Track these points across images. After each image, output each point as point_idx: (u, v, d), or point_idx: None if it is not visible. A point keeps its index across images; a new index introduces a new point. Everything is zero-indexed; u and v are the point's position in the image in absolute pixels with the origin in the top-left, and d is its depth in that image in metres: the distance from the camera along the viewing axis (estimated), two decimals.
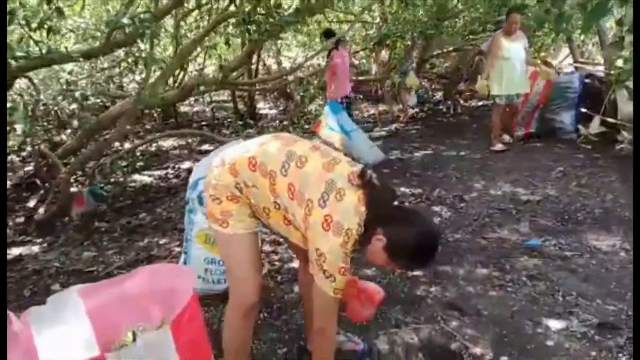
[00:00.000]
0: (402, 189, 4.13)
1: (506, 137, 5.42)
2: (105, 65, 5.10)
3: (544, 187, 4.00)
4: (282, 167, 1.54)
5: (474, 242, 3.05)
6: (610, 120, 5.33)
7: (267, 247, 3.05)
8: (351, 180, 1.50)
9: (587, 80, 5.69)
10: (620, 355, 1.90)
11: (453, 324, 2.20)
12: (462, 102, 8.07)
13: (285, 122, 6.04)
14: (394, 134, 6.44)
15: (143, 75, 4.89)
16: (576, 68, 6.42)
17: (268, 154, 1.58)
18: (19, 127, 4.77)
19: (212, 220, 1.61)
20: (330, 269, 1.45)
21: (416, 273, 2.66)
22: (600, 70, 5.68)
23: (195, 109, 8.74)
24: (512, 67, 5.01)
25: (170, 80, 7.05)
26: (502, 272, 2.64)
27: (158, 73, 4.32)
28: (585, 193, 3.83)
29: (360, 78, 7.50)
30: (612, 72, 4.66)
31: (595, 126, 4.51)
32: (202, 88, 4.29)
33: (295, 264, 2.83)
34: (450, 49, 8.48)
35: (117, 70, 5.15)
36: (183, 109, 8.55)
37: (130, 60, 4.56)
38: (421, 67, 8.73)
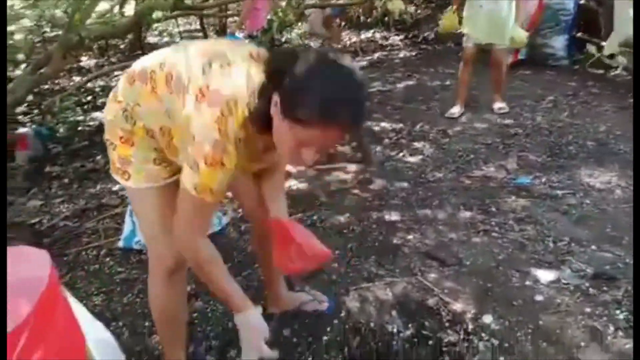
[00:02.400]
0: (382, 124, 3.76)
1: (456, 109, 3.81)
2: None
3: (533, 119, 3.67)
4: (161, 62, 1.13)
5: (457, 181, 2.75)
6: (606, 44, 4.92)
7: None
8: (252, 55, 1.09)
9: (582, 2, 5.21)
10: (617, 311, 1.66)
11: (432, 276, 1.94)
12: None
13: None
14: (376, 63, 5.96)
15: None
16: None
17: (148, 58, 1.19)
18: None
19: (114, 171, 1.25)
20: (196, 153, 1.03)
21: (393, 218, 2.37)
22: None
23: (165, 39, 8.05)
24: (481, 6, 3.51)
25: (132, 8, 6.37)
26: (487, 215, 2.36)
27: None
28: (577, 124, 3.51)
29: (340, 2, 6.84)
30: None
31: (612, 45, 4.03)
32: (158, 15, 3.76)
33: None
34: None
35: None
36: (152, 39, 7.86)
37: None
38: None
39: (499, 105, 3.85)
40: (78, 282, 2.04)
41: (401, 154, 3.19)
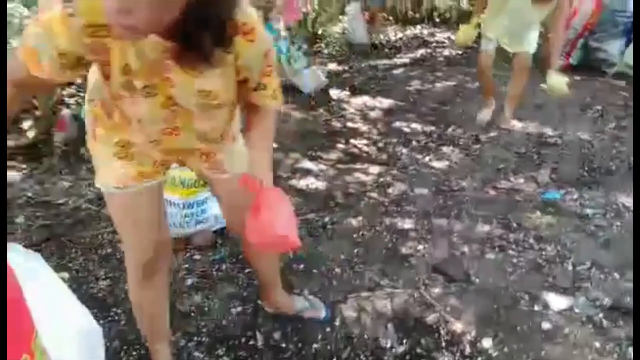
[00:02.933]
0: (413, 125, 3.65)
1: (485, 114, 3.56)
2: None
3: (575, 129, 3.45)
4: None
5: (481, 192, 2.63)
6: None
7: None
8: None
9: None
10: (629, 349, 1.53)
11: (435, 291, 1.86)
12: None
13: None
14: (419, 61, 5.79)
15: None
16: None
17: None
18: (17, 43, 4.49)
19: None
20: None
21: (406, 226, 2.30)
22: None
23: None
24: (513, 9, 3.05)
25: None
26: (507, 230, 2.24)
27: None
28: (622, 137, 3.27)
29: None
30: None
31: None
32: None
33: None
34: None
35: None
36: None
37: None
38: None
39: (510, 122, 3.45)
40: (90, 265, 2.11)
41: (427, 159, 3.09)
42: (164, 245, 1.31)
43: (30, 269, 1.23)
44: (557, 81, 2.99)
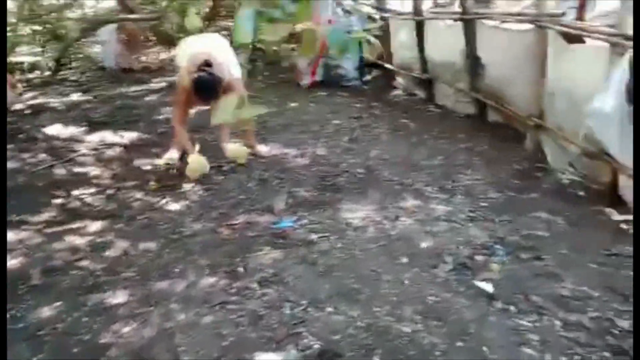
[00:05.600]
0: (157, 161, 3.23)
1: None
2: None
3: (315, 146, 3.49)
4: None
5: (214, 234, 2.35)
6: (388, 66, 5.10)
7: None
8: None
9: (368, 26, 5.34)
10: None
11: None
12: None
13: None
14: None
15: None
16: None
17: None
18: None
19: None
20: None
21: (117, 301, 1.86)
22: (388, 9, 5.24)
23: None
24: None
25: None
26: (232, 278, 1.98)
27: None
28: (353, 150, 3.41)
29: (131, 16, 6.11)
30: None
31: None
32: None
33: None
34: None
35: None
36: None
37: None
38: None
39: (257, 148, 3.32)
40: None
41: (164, 201, 2.70)
42: None
43: None
44: (236, 151, 3.10)
